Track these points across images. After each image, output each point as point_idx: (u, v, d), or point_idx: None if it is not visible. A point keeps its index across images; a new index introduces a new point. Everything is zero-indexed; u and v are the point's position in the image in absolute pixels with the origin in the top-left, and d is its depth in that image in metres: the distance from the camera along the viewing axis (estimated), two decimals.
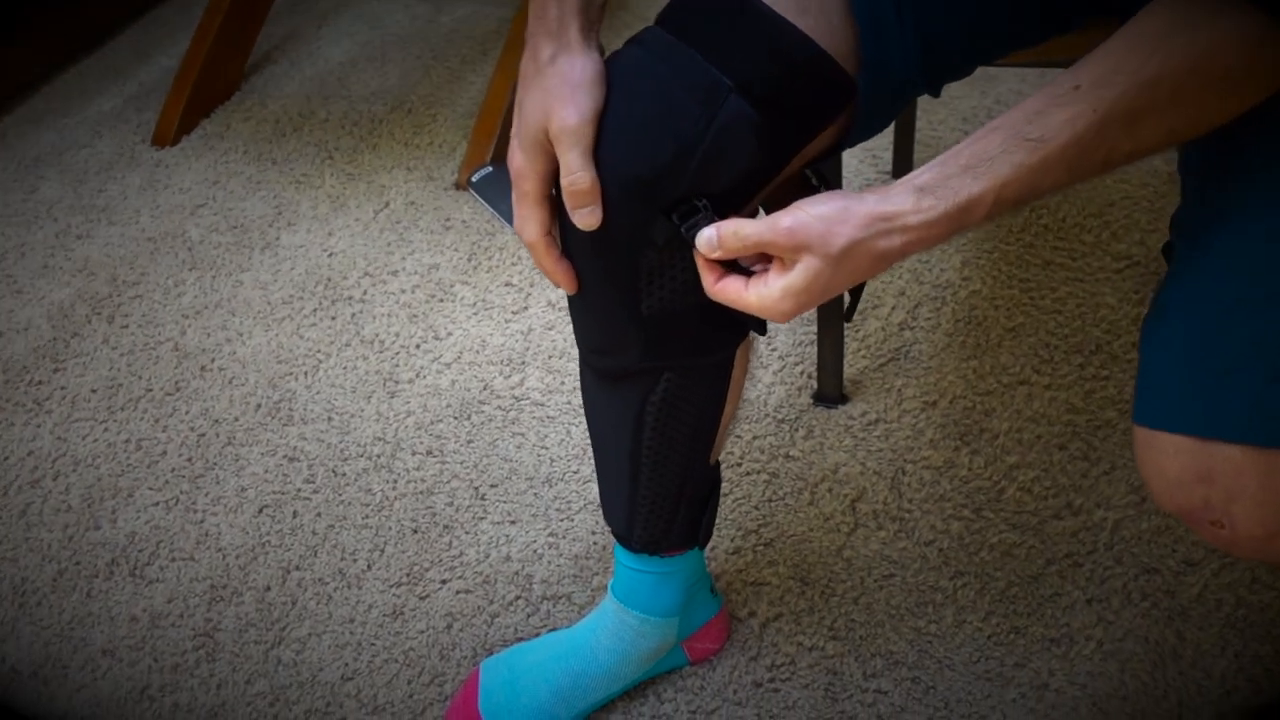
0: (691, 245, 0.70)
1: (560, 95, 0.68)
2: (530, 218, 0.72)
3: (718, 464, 0.92)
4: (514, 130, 0.72)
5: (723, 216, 0.72)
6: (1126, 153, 0.62)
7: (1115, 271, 1.31)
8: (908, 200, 0.62)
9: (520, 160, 0.71)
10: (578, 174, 0.68)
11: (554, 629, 1.04)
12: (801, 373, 1.25)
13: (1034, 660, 0.96)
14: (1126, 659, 0.95)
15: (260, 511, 1.18)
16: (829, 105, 0.73)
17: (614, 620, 0.94)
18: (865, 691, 0.96)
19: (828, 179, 0.80)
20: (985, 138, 0.63)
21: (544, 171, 0.71)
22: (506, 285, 1.42)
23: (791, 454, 1.16)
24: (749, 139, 0.69)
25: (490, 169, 1.61)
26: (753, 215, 0.81)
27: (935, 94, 0.84)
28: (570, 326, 1.34)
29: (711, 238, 0.66)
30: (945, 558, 1.05)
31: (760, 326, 0.81)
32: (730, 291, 0.67)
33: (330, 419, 1.28)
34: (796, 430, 1.18)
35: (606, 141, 0.68)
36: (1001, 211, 0.63)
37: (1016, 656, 0.96)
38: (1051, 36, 0.84)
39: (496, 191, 1.58)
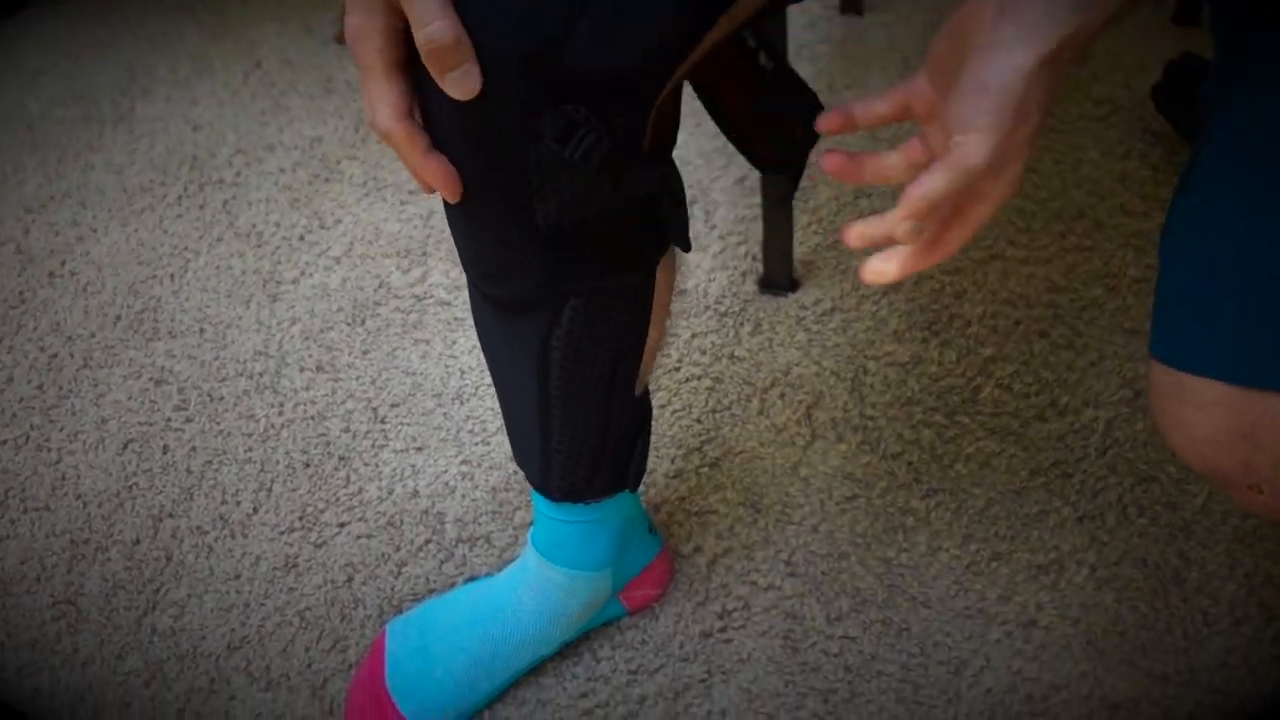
0: (580, 167, 0.54)
1: None
2: (379, 98, 0.53)
3: (646, 394, 0.76)
4: None
5: (624, 114, 0.55)
6: None
7: (1097, 119, 1.15)
8: (1072, 21, 0.47)
9: (355, 19, 0.52)
10: (434, 24, 0.49)
11: (471, 577, 0.90)
12: (745, 254, 1.08)
13: (1019, 592, 0.84)
14: (1123, 586, 0.84)
15: (125, 448, 1.02)
16: None
17: (537, 576, 0.81)
18: (830, 638, 0.84)
19: (775, 48, 0.63)
20: None
21: (388, 29, 0.51)
22: (399, 160, 1.23)
23: (737, 354, 1.01)
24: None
25: None
26: (674, 109, 0.63)
27: None
28: None
29: (910, 228, 0.50)
30: (916, 473, 0.92)
31: (684, 241, 0.64)
32: (937, 187, 0.49)
33: (203, 330, 1.10)
34: (742, 325, 1.03)
35: (480, 10, 0.50)
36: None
37: (1000, 589, 0.85)
38: None
39: None
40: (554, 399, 0.69)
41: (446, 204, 0.60)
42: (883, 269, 0.54)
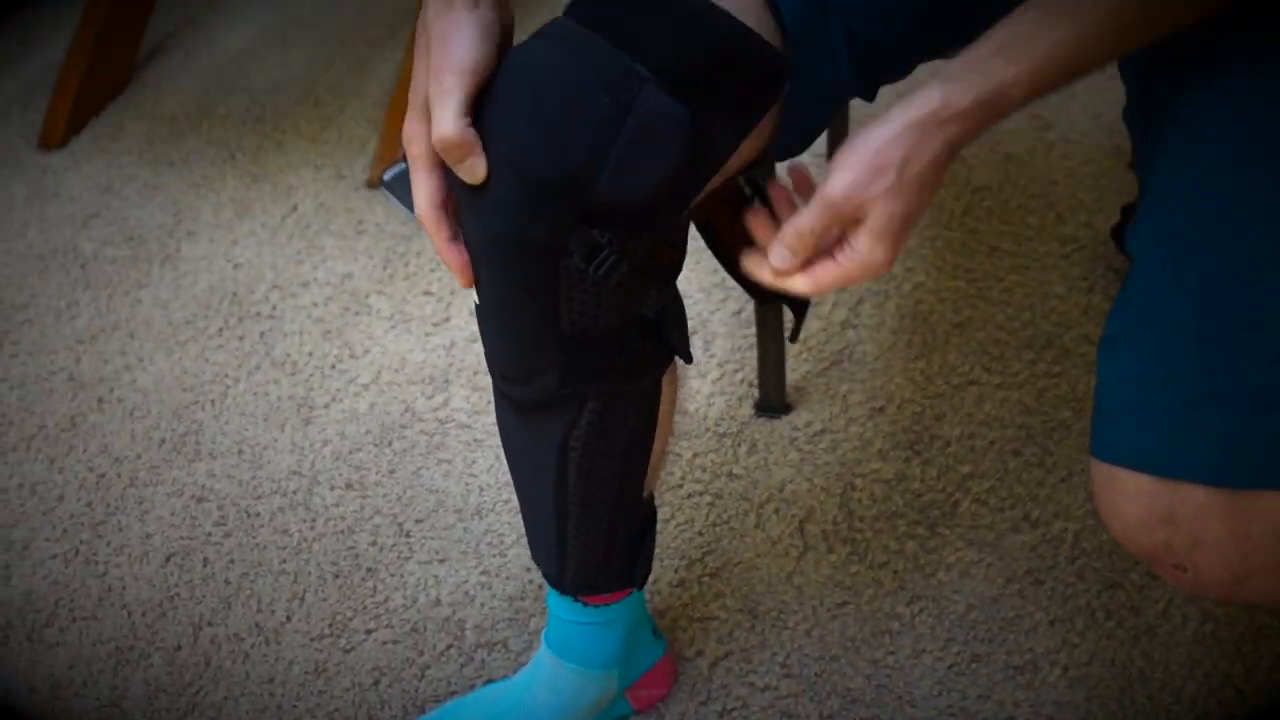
0: (602, 283, 0.64)
1: (436, 51, 0.62)
2: (420, 188, 0.66)
3: (651, 498, 0.85)
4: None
5: (639, 238, 0.65)
6: (1178, 14, 0.58)
7: (1062, 257, 1.26)
8: (936, 94, 0.58)
9: (409, 123, 0.65)
10: (442, 126, 0.61)
11: (490, 680, 0.97)
12: (742, 380, 1.18)
13: (998, 691, 0.91)
14: (1094, 685, 0.91)
15: (168, 560, 1.10)
16: (759, 90, 0.66)
17: (549, 674, 0.88)
18: None
19: (762, 188, 0.73)
20: (1016, 19, 0.58)
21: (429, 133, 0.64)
22: (425, 294, 1.34)
23: (735, 472, 1.10)
24: (671, 134, 0.62)
25: (403, 165, 1.51)
26: (681, 236, 0.74)
27: (870, 98, 0.77)
28: None
29: (782, 253, 0.61)
30: (900, 581, 0.99)
31: (686, 353, 0.74)
32: (829, 277, 0.62)
33: (241, 452, 1.19)
34: (739, 445, 1.12)
35: (510, 138, 0.62)
36: (1042, 92, 0.59)
37: (979, 688, 0.91)
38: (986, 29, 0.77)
39: (410, 189, 1.49)
40: (571, 495, 0.77)
41: (479, 309, 0.70)
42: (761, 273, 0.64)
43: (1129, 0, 0.57)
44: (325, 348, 1.29)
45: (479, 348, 1.25)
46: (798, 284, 0.63)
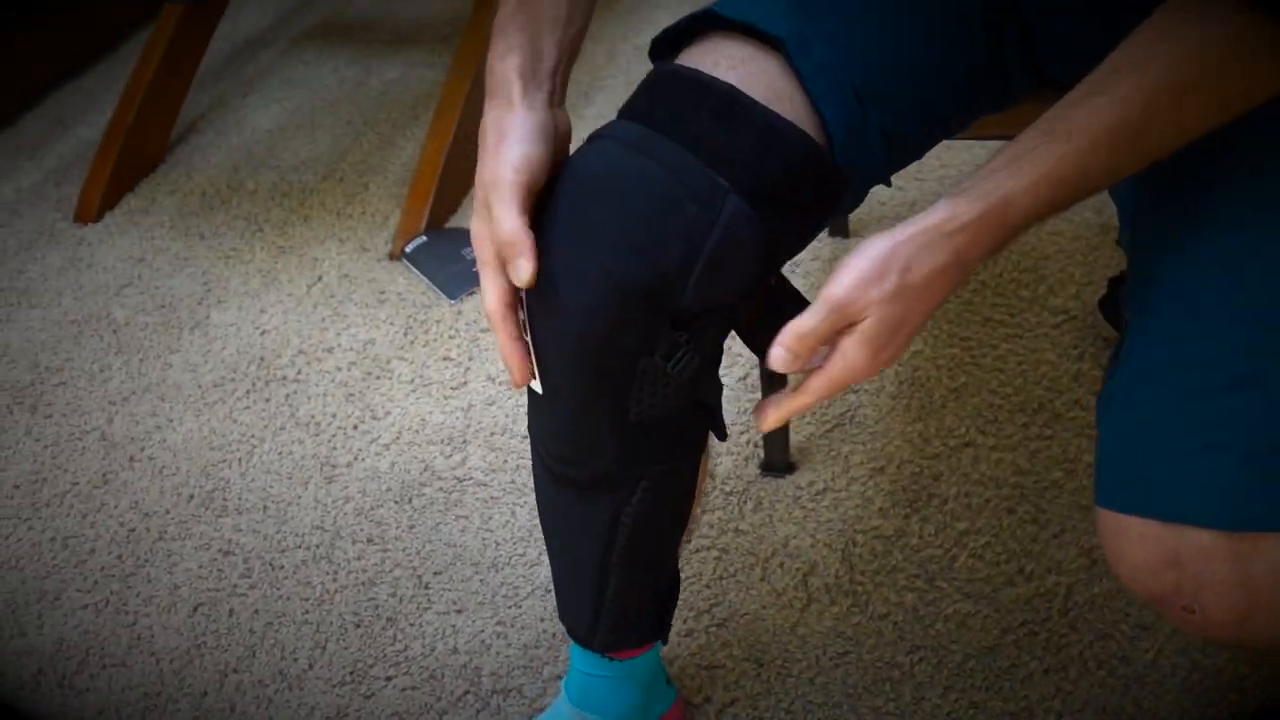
0: (679, 383, 0.68)
1: (493, 151, 0.66)
2: (489, 288, 0.68)
3: (677, 557, 0.90)
4: None
5: (713, 338, 0.70)
6: (1174, 134, 0.61)
7: (1053, 327, 1.32)
8: (943, 209, 0.61)
9: (476, 225, 0.68)
10: (503, 225, 0.65)
11: None
12: (748, 442, 1.23)
13: None
14: None
15: (195, 610, 1.14)
16: (826, 202, 0.70)
17: None
18: None
19: (789, 286, 0.75)
20: (1025, 135, 0.62)
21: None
22: (444, 360, 1.40)
23: (741, 528, 1.14)
24: (752, 243, 0.66)
25: (424, 238, 1.59)
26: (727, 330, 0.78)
27: (888, 184, 0.83)
28: (512, 403, 1.31)
29: (783, 356, 0.63)
30: (900, 632, 1.03)
31: (721, 431, 0.78)
32: (819, 386, 0.64)
33: (266, 508, 1.24)
34: (745, 502, 1.17)
35: (601, 247, 0.65)
36: (1045, 209, 0.62)
37: None
38: (988, 113, 0.84)
39: (431, 261, 1.56)
40: (615, 563, 0.80)
41: (533, 395, 0.73)
42: (763, 416, 0.68)
43: (1134, 111, 0.60)
44: (348, 409, 1.34)
45: (496, 410, 1.31)
46: (798, 402, 0.66)
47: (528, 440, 1.27)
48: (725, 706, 1.00)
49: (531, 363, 0.70)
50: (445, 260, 1.54)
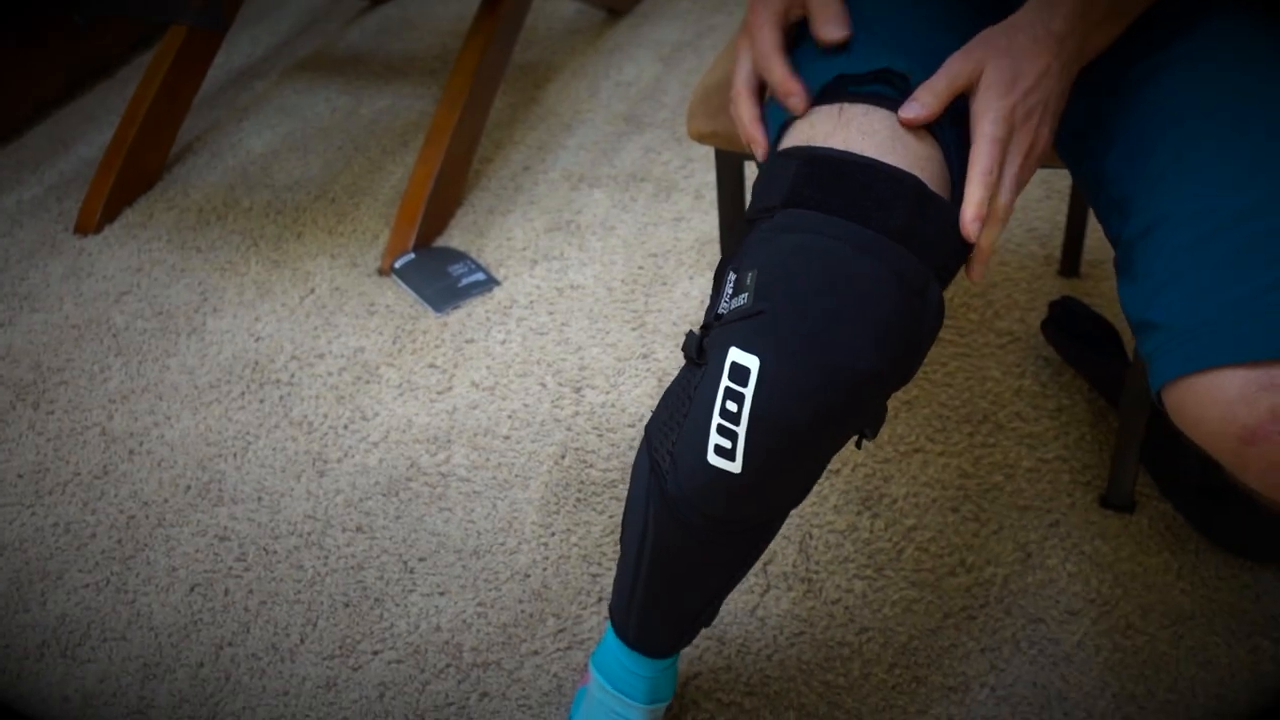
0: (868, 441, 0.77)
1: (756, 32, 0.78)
2: (744, 104, 0.80)
3: None
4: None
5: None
6: None
7: (999, 347, 1.42)
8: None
9: (739, 61, 0.80)
10: (776, 74, 0.76)
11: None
12: None
13: (934, 707, 1.03)
14: (1017, 703, 1.03)
15: (192, 590, 1.21)
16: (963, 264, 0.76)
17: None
18: None
19: None
20: None
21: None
22: (430, 367, 1.48)
23: None
24: (939, 318, 0.72)
25: (413, 255, 1.68)
26: None
27: None
28: (494, 407, 1.40)
29: (915, 109, 0.71)
30: (851, 615, 1.12)
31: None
32: (987, 169, 0.70)
33: (260, 499, 1.31)
34: None
35: (840, 344, 0.67)
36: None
37: (918, 704, 1.04)
38: None
39: (419, 277, 1.65)
40: (727, 589, 0.88)
41: (733, 476, 0.72)
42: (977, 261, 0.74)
43: None
44: (339, 410, 1.42)
45: (479, 413, 1.39)
46: (998, 205, 0.70)
47: (509, 440, 1.36)
48: (689, 679, 1.08)
49: None
50: (432, 276, 1.63)
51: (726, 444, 0.71)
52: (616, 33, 2.24)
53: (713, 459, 0.72)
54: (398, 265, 1.65)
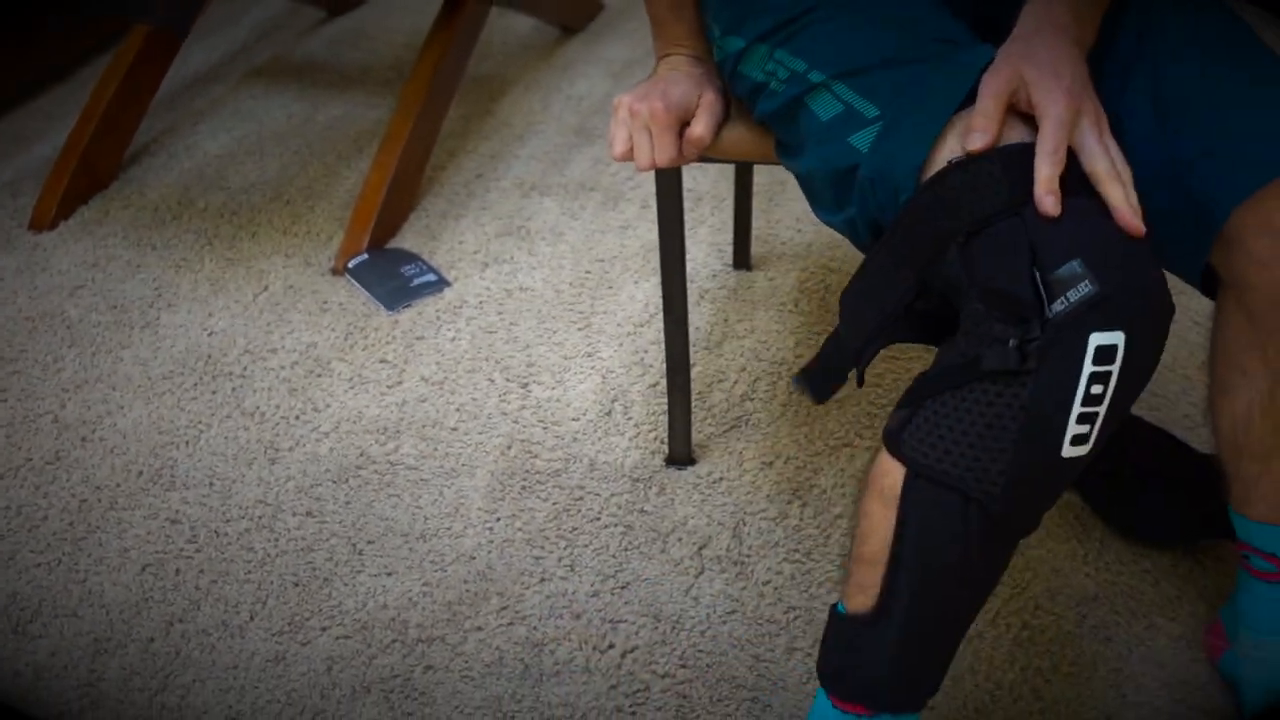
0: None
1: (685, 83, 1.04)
2: (669, 139, 1.03)
3: None
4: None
5: None
6: None
7: (925, 349, 1.50)
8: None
9: (643, 104, 1.02)
10: (699, 130, 1.02)
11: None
12: (655, 439, 1.38)
13: None
14: None
15: (143, 570, 1.24)
16: None
17: None
18: (712, 713, 1.08)
19: None
20: None
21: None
22: (381, 362, 1.53)
23: (645, 509, 1.29)
24: None
25: (366, 256, 1.73)
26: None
27: None
28: (443, 400, 1.45)
29: (979, 138, 0.78)
30: (779, 595, 1.18)
31: None
32: (1056, 138, 0.78)
33: (212, 484, 1.35)
34: (650, 488, 1.32)
35: (1163, 287, 0.78)
36: None
37: None
38: None
39: (371, 277, 1.70)
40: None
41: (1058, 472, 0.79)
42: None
43: None
44: (290, 402, 1.47)
45: (428, 406, 1.45)
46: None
47: (457, 431, 1.41)
48: (626, 653, 1.13)
49: None
50: (385, 276, 1.68)
51: (1084, 429, 0.75)
52: (569, 49, 2.31)
53: (1069, 450, 0.76)
54: (351, 265, 1.70)
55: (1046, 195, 0.75)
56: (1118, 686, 1.08)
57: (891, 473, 0.82)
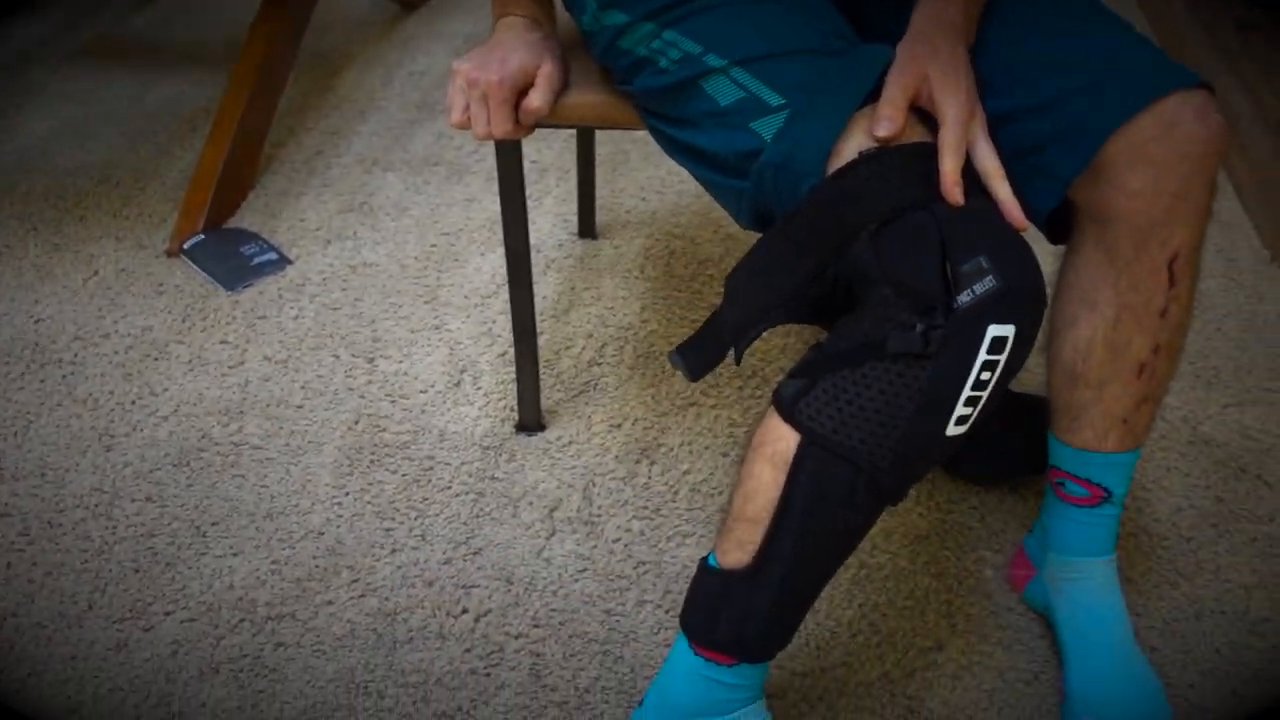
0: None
1: (527, 49, 1.05)
2: (505, 110, 1.04)
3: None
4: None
5: None
6: None
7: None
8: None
9: (479, 73, 1.03)
10: (537, 101, 1.04)
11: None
12: (505, 406, 1.39)
13: None
14: None
15: None
16: None
17: None
18: (565, 668, 1.09)
19: None
20: None
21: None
22: (222, 343, 1.49)
23: (496, 475, 1.30)
24: None
25: (202, 237, 1.68)
26: None
27: None
28: (287, 379, 1.42)
29: (888, 126, 0.83)
30: (629, 551, 1.21)
31: None
32: (956, 129, 0.83)
33: (44, 475, 1.30)
34: (500, 455, 1.32)
35: (1040, 284, 0.83)
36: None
37: None
38: None
39: (209, 257, 1.65)
40: None
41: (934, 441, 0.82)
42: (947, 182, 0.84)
43: None
44: (125, 387, 1.42)
45: (272, 385, 1.42)
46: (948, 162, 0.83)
47: (302, 409, 1.39)
48: (480, 616, 1.14)
49: None
50: (223, 256, 1.64)
51: (968, 412, 0.81)
52: (409, 24, 2.29)
53: (952, 430, 0.81)
54: (187, 246, 1.65)
55: (954, 187, 0.81)
56: (949, 617, 1.14)
57: (785, 438, 0.85)
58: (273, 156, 1.87)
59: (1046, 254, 1.01)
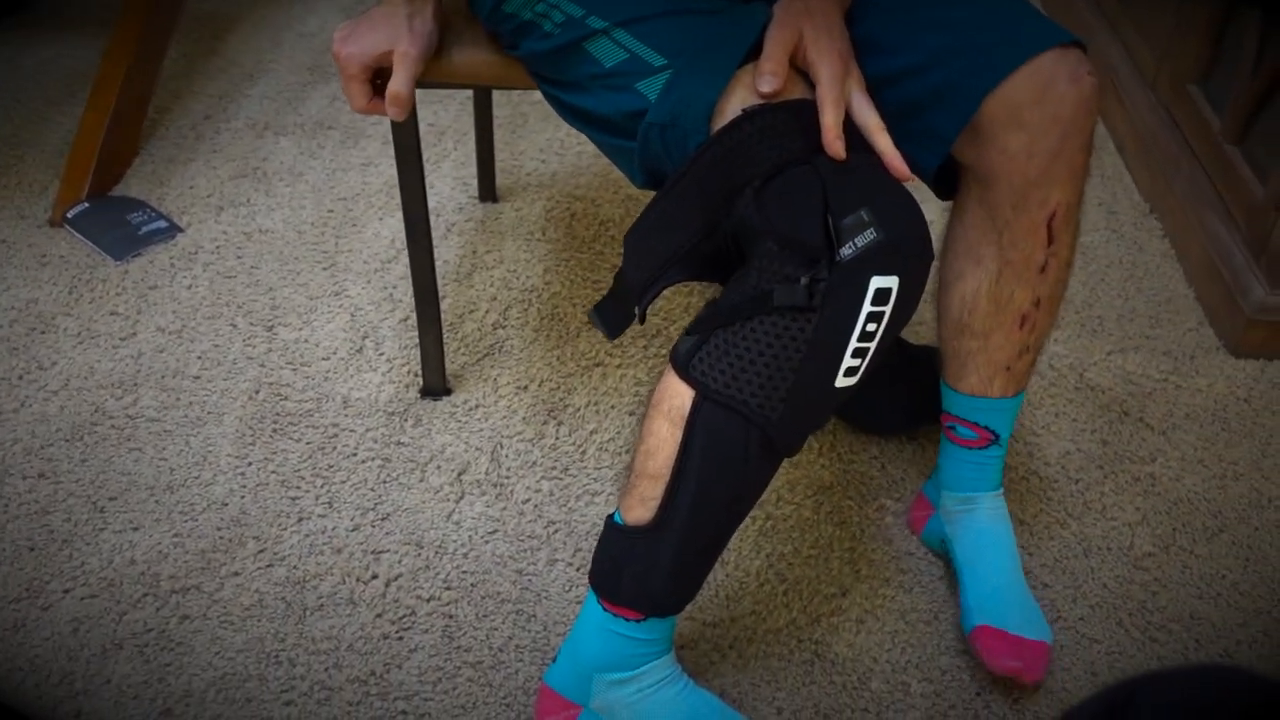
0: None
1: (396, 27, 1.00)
2: (361, 89, 1.04)
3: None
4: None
5: None
6: None
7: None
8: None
9: (349, 48, 1.01)
10: (399, 85, 1.01)
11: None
12: (408, 371, 1.38)
13: None
14: None
15: None
16: None
17: None
18: (478, 629, 1.10)
19: None
20: None
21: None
22: (112, 314, 1.45)
23: (402, 440, 1.29)
24: None
25: (87, 205, 1.62)
26: None
27: None
28: (183, 349, 1.39)
29: (771, 81, 0.83)
30: (539, 512, 1.22)
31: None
32: (832, 86, 0.84)
33: None
34: (406, 420, 1.32)
35: (926, 237, 0.86)
36: None
37: None
38: None
39: (95, 226, 1.60)
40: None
41: (821, 391, 0.84)
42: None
43: None
44: (11, 362, 1.37)
45: (167, 356, 1.39)
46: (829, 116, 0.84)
47: (200, 379, 1.36)
48: (390, 581, 1.14)
49: None
50: (110, 225, 1.58)
51: (856, 363, 0.83)
52: None
53: (840, 381, 0.83)
54: (70, 215, 1.59)
55: (835, 140, 0.83)
56: (853, 564, 1.18)
57: (681, 395, 0.86)
58: (158, 122, 1.81)
59: (937, 209, 1.04)
